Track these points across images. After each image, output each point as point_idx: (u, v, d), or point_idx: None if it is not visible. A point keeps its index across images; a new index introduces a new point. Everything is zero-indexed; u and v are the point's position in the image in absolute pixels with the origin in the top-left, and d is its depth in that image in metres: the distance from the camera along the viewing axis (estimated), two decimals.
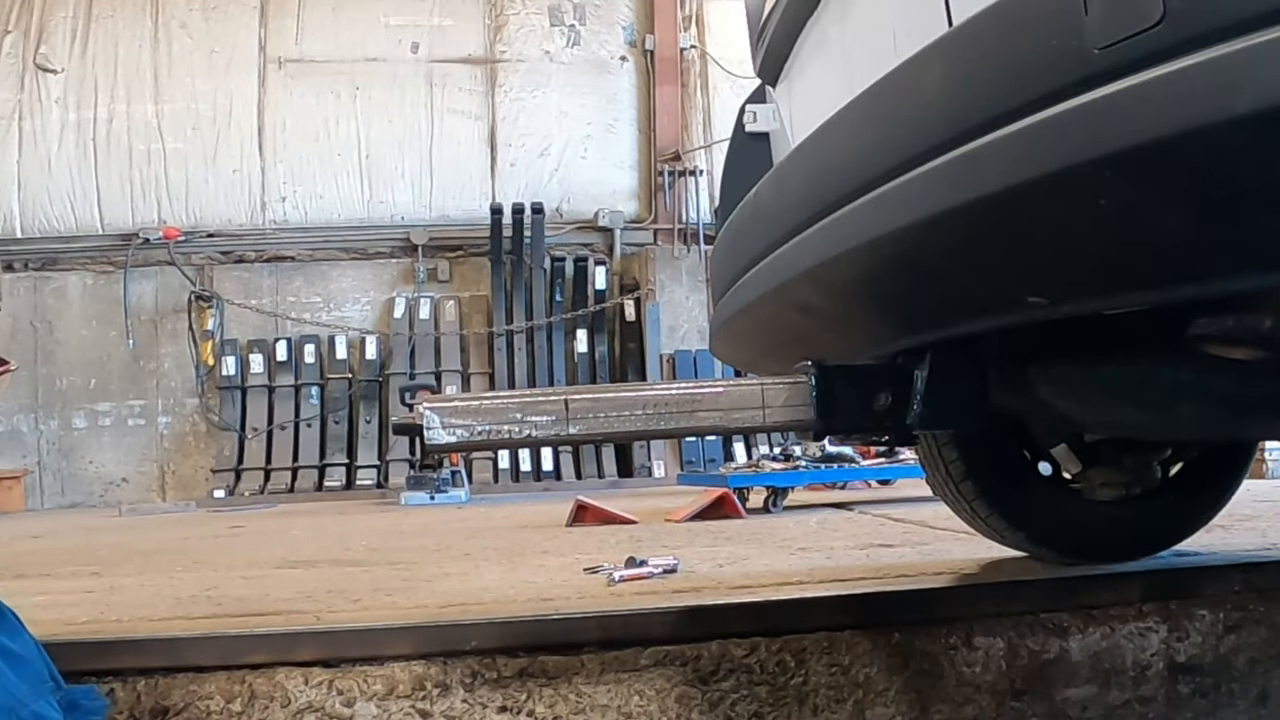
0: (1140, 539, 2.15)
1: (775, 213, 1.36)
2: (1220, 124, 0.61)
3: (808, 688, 1.72)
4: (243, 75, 9.22)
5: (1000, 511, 2.13)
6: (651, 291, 9.09)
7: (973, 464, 2.08)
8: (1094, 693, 1.80)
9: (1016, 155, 0.77)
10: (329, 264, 9.28)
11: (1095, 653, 1.81)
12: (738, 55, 8.39)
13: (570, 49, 9.64)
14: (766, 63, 1.75)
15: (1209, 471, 2.16)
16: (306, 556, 3.15)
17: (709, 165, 9.38)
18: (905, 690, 1.75)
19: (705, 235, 9.13)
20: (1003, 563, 2.23)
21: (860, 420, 1.36)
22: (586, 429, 1.01)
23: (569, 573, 2.49)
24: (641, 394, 1.01)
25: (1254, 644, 1.86)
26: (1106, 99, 0.67)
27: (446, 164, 9.39)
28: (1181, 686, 1.84)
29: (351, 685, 1.61)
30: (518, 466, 8.44)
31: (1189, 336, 1.13)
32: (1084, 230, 0.80)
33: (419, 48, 9.43)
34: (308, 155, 9.27)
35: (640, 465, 8.49)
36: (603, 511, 4.22)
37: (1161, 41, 0.63)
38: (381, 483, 8.44)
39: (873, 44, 1.25)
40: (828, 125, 1.17)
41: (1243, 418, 1.41)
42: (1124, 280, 0.86)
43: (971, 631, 1.78)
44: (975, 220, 0.86)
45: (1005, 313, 1.04)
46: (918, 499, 4.17)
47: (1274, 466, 5.79)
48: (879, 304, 1.26)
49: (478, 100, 9.50)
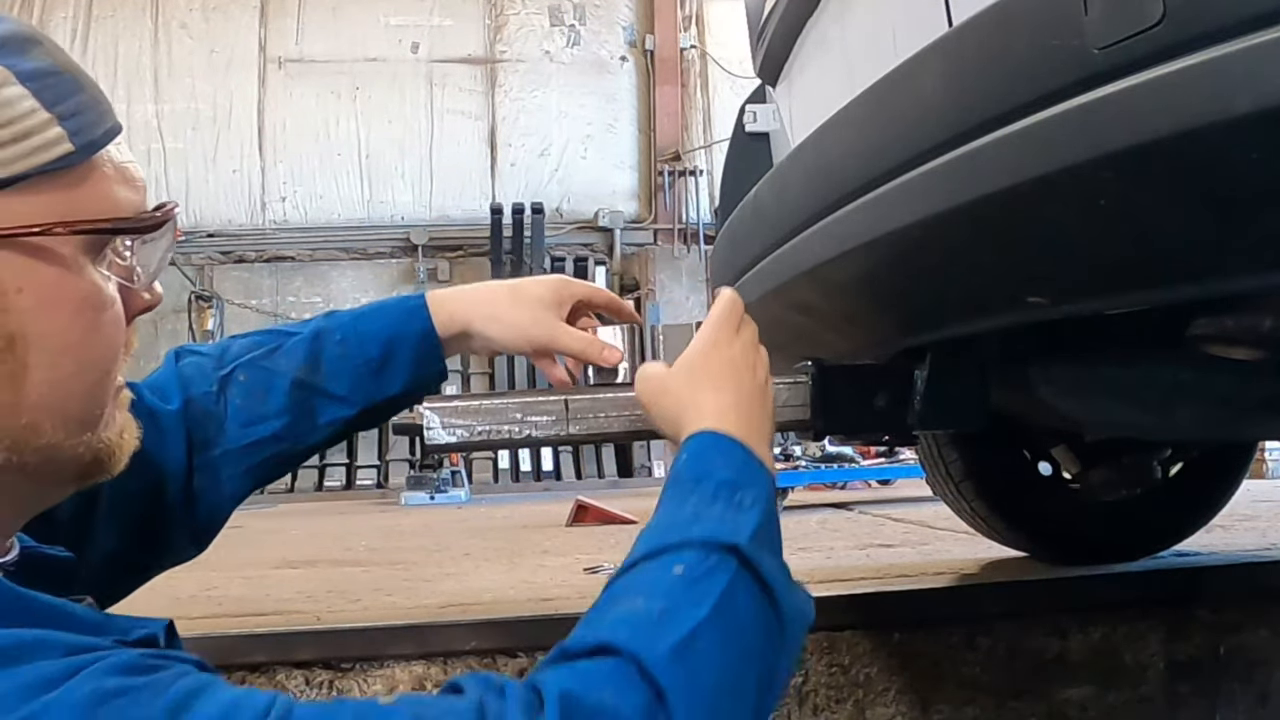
0: (1140, 539, 2.15)
1: (775, 213, 1.36)
2: (1220, 124, 0.61)
3: (808, 688, 1.72)
4: (243, 75, 9.22)
5: (1000, 511, 2.13)
6: (651, 291, 9.09)
7: (973, 464, 2.08)
8: (1094, 693, 1.81)
9: (1016, 155, 0.77)
10: (329, 264, 9.28)
11: (1095, 653, 1.81)
12: (738, 55, 8.38)
13: (570, 49, 9.64)
14: (766, 63, 1.75)
15: (1209, 471, 2.16)
16: (306, 556, 3.15)
17: (709, 165, 9.38)
18: (905, 690, 1.75)
19: (705, 235, 9.12)
20: (1003, 563, 2.23)
21: (860, 420, 1.35)
22: (586, 429, 1.01)
23: (569, 573, 2.49)
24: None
25: (1254, 644, 1.86)
26: (1106, 99, 0.67)
27: (446, 164, 9.39)
28: (1181, 686, 1.84)
29: (351, 685, 1.61)
30: (518, 466, 8.44)
31: (1189, 337, 1.13)
32: (1084, 230, 0.80)
33: (419, 48, 9.43)
34: (308, 155, 9.26)
35: (640, 465, 8.48)
36: (603, 511, 4.22)
37: (1161, 41, 0.63)
38: (381, 483, 8.43)
39: (873, 44, 1.25)
40: (828, 125, 1.17)
41: (1243, 418, 1.41)
42: (1124, 280, 0.86)
43: (971, 631, 1.79)
44: (975, 220, 0.86)
45: (1005, 313, 1.04)
46: (918, 499, 4.17)
47: (1274, 466, 5.79)
48: (879, 304, 1.26)
49: (478, 100, 9.50)
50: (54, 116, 0.62)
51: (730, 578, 0.71)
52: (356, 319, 1.00)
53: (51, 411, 0.63)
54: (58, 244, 0.62)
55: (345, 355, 0.98)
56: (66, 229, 0.62)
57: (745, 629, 0.71)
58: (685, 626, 0.67)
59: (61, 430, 0.63)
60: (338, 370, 0.98)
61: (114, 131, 0.67)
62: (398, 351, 0.99)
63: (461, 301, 1.02)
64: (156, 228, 0.68)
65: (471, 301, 1.02)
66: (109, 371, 0.66)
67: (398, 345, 0.99)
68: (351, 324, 0.99)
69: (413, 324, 1.00)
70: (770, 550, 0.76)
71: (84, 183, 0.63)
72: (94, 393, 0.66)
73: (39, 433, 0.62)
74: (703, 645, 0.67)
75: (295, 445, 0.98)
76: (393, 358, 0.99)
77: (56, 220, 0.61)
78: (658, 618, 0.67)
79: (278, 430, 0.96)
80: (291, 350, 0.97)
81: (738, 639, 0.70)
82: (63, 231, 0.61)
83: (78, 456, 0.65)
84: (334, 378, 0.97)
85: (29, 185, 0.61)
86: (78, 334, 0.63)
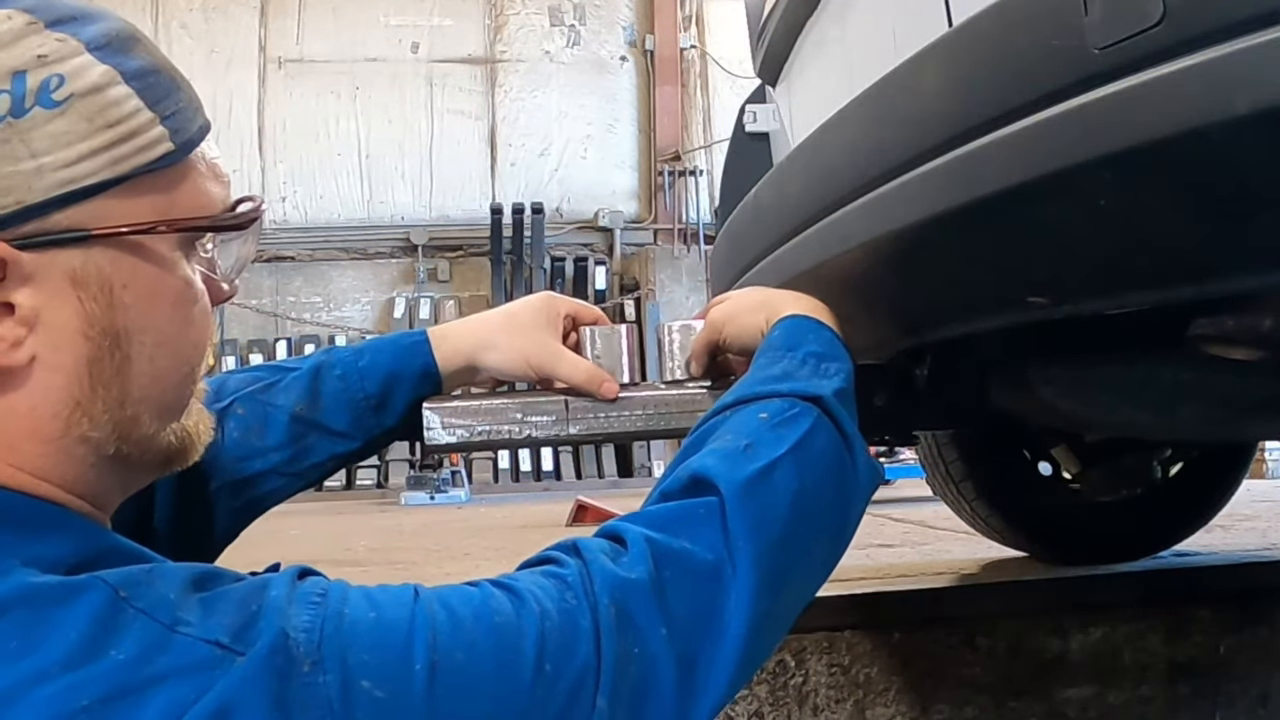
0: (1140, 539, 2.15)
1: (775, 213, 1.36)
2: (1220, 124, 0.60)
3: (808, 688, 1.72)
4: (243, 75, 9.22)
5: (1000, 511, 2.13)
6: (651, 291, 9.09)
7: (973, 464, 2.08)
8: (1094, 693, 1.81)
9: (1016, 156, 0.77)
10: (329, 264, 9.28)
11: (1095, 653, 1.81)
12: (738, 55, 8.38)
13: (570, 49, 9.64)
14: (766, 63, 1.75)
15: (1209, 471, 2.16)
16: (306, 556, 3.14)
17: (709, 165, 9.38)
18: (905, 690, 1.75)
19: (705, 235, 9.12)
20: (1003, 563, 2.23)
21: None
22: (586, 429, 1.01)
23: None
24: (641, 394, 1.01)
25: (1254, 644, 1.86)
26: (1106, 99, 0.67)
27: (446, 164, 9.39)
28: (1181, 686, 1.84)
29: None
30: (518, 466, 8.44)
31: (1189, 336, 1.13)
32: (1084, 231, 0.80)
33: (419, 48, 9.43)
34: (308, 155, 9.26)
35: (640, 465, 8.49)
36: (603, 511, 4.22)
37: (1161, 41, 0.63)
38: (381, 483, 8.44)
39: (873, 44, 1.25)
40: (828, 125, 1.17)
41: (1243, 418, 1.41)
42: (1124, 280, 0.86)
43: (971, 631, 1.79)
44: (975, 221, 0.86)
45: (1005, 313, 1.04)
46: (918, 499, 4.17)
47: (1274, 466, 5.80)
48: (879, 304, 1.26)
49: (478, 100, 9.50)
50: (156, 116, 0.64)
51: (812, 423, 0.78)
52: (357, 355, 1.00)
53: (150, 403, 0.66)
54: (157, 241, 0.64)
55: (345, 391, 0.97)
56: (169, 227, 0.64)
57: (821, 468, 0.77)
58: (764, 459, 0.74)
59: (157, 420, 0.67)
60: (337, 406, 0.97)
61: (206, 129, 0.69)
62: (397, 388, 0.99)
63: (461, 336, 1.01)
64: (248, 225, 0.70)
65: (470, 334, 1.01)
66: (200, 361, 0.70)
67: (397, 382, 0.99)
68: (352, 360, 0.99)
69: (414, 361, 1.00)
70: (851, 411, 0.83)
71: (182, 181, 0.66)
72: (185, 383, 0.69)
73: (140, 424, 0.65)
74: (779, 477, 0.74)
75: (292, 481, 0.97)
76: (392, 394, 0.99)
77: (158, 219, 0.64)
78: (739, 451, 0.74)
79: (275, 465, 0.95)
80: (290, 386, 0.97)
81: (813, 475, 0.76)
82: (166, 230, 0.64)
83: (167, 445, 0.68)
84: (333, 414, 0.97)
85: (133, 184, 0.63)
86: (176, 327, 0.66)
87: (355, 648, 0.58)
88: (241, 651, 0.56)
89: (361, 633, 0.59)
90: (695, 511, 0.71)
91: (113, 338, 0.63)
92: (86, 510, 0.64)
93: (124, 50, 0.64)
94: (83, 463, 0.64)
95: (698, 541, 0.70)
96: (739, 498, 0.71)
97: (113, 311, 0.62)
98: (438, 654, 0.60)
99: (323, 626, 0.58)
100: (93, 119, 0.61)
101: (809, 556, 0.75)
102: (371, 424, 0.98)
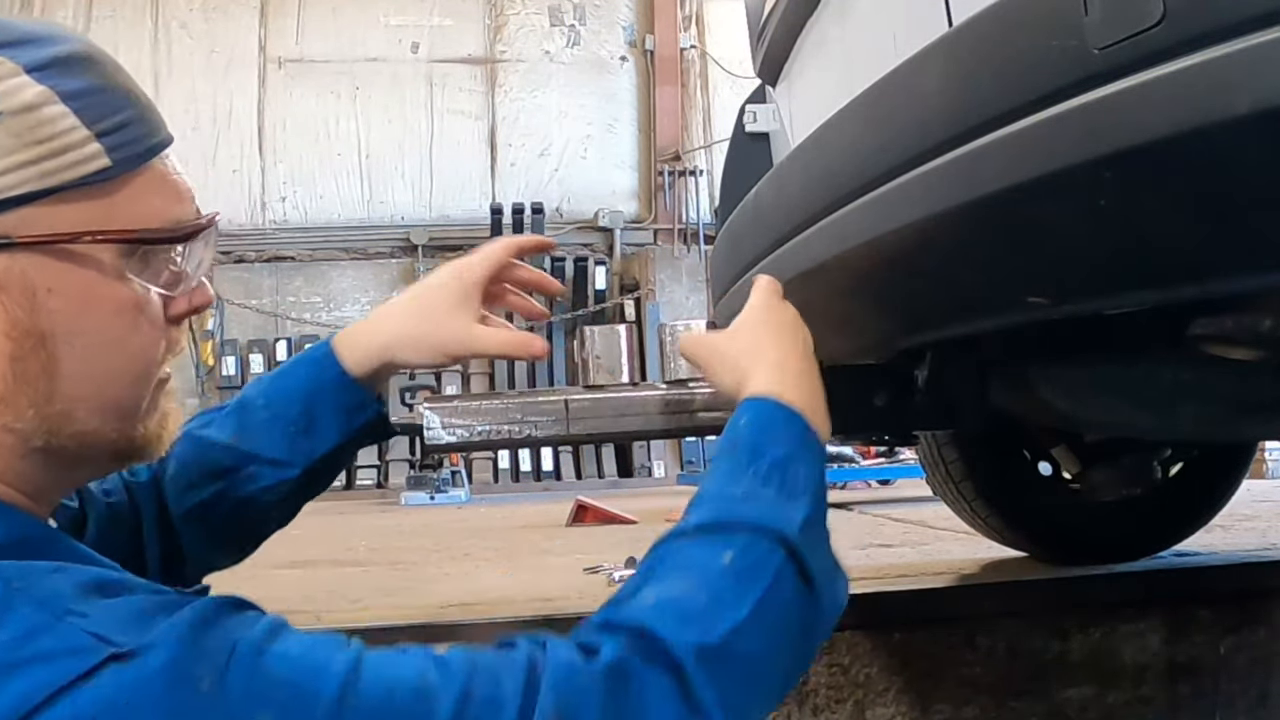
0: (1140, 539, 2.15)
1: (775, 213, 1.36)
2: (1220, 124, 0.60)
3: (808, 688, 1.72)
4: (243, 75, 9.22)
5: (1000, 511, 2.13)
6: (651, 291, 9.09)
7: (973, 464, 2.08)
8: (1094, 693, 1.81)
9: (1016, 155, 0.77)
10: (329, 264, 9.28)
11: (1095, 653, 1.81)
12: (738, 55, 8.38)
13: (570, 49, 9.64)
14: (766, 63, 1.75)
15: (1209, 471, 2.16)
16: (307, 556, 3.15)
17: (709, 165, 9.38)
18: (905, 690, 1.76)
19: (705, 235, 9.12)
20: (1003, 563, 2.23)
21: (860, 420, 1.36)
22: (586, 429, 1.01)
23: (569, 573, 2.49)
24: (641, 394, 1.01)
25: (1254, 644, 1.86)
26: (1106, 99, 0.67)
27: (446, 164, 9.38)
28: (1181, 686, 1.84)
29: None
30: (518, 466, 8.44)
31: (1189, 336, 1.13)
32: (1084, 231, 0.80)
33: (419, 48, 9.43)
34: (308, 155, 9.26)
35: (640, 465, 8.48)
36: (603, 511, 4.22)
37: (1161, 41, 0.63)
38: (381, 482, 8.43)
39: (873, 44, 1.25)
40: (828, 125, 1.17)
41: (1243, 418, 1.41)
42: (1124, 280, 0.86)
43: (971, 631, 1.79)
44: (975, 220, 0.86)
45: (1005, 313, 1.04)
46: (918, 499, 4.17)
47: (1274, 466, 5.80)
48: (879, 304, 1.26)
49: (478, 100, 9.50)
50: (92, 134, 0.67)
51: (776, 571, 0.73)
52: (275, 378, 0.99)
53: (87, 402, 0.69)
54: (94, 251, 0.67)
55: (272, 418, 0.96)
56: (94, 238, 0.67)
57: (785, 622, 0.73)
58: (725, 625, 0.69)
59: (97, 418, 0.69)
60: (267, 434, 0.96)
61: (160, 146, 0.72)
62: (318, 405, 0.97)
63: (369, 337, 0.99)
64: (184, 239, 0.72)
65: (377, 332, 0.99)
66: (148, 367, 0.72)
67: (316, 399, 0.97)
68: (271, 384, 0.98)
69: (325, 374, 0.98)
70: (818, 537, 0.79)
71: (119, 194, 0.68)
72: (135, 386, 0.72)
73: (72, 420, 0.68)
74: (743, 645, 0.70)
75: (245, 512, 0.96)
76: (315, 412, 0.96)
77: (85, 229, 0.67)
78: (700, 612, 0.70)
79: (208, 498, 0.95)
80: (222, 422, 0.97)
81: (776, 631, 0.73)
82: (90, 240, 0.67)
83: (112, 442, 0.71)
84: (265, 442, 0.96)
85: (64, 196, 0.66)
86: (116, 333, 0.69)
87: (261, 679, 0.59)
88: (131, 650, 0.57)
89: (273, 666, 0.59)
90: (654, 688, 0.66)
91: (36, 338, 0.66)
92: (15, 499, 0.67)
93: (68, 73, 0.67)
94: (11, 452, 0.67)
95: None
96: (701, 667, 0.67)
97: (36, 314, 0.66)
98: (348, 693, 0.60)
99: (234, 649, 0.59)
100: (21, 135, 0.64)
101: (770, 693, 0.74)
102: (306, 447, 0.96)
